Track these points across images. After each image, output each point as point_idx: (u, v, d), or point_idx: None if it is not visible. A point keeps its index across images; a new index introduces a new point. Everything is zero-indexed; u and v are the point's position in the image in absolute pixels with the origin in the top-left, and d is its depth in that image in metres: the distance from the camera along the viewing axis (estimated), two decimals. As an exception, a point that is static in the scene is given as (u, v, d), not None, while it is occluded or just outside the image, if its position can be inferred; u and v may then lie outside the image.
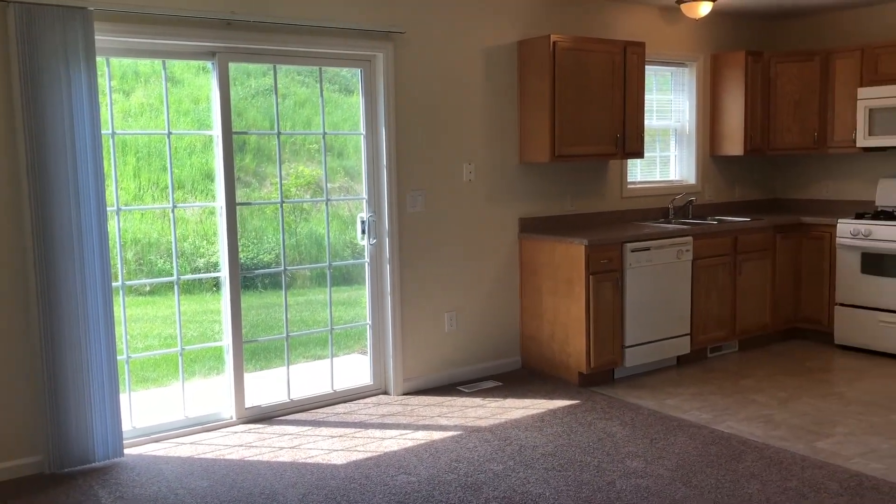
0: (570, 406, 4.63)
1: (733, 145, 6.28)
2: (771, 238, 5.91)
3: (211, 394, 4.57)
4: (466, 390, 4.98)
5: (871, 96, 5.77)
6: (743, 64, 6.16)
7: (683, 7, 5.71)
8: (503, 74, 5.27)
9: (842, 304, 5.81)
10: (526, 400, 4.75)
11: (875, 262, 5.60)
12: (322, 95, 4.68)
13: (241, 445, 4.10)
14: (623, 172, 5.94)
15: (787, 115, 6.26)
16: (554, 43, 5.07)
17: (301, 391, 4.71)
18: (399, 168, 4.83)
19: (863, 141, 5.86)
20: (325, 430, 4.30)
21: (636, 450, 3.94)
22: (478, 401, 4.76)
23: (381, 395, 4.90)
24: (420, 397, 4.85)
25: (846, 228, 5.75)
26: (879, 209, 6.02)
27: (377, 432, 4.26)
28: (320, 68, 4.65)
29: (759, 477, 3.58)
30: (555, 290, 5.13)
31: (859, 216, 5.80)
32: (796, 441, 4.03)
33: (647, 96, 5.79)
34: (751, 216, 6.18)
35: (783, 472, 3.64)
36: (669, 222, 5.85)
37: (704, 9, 5.66)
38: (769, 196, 6.94)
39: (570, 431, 4.21)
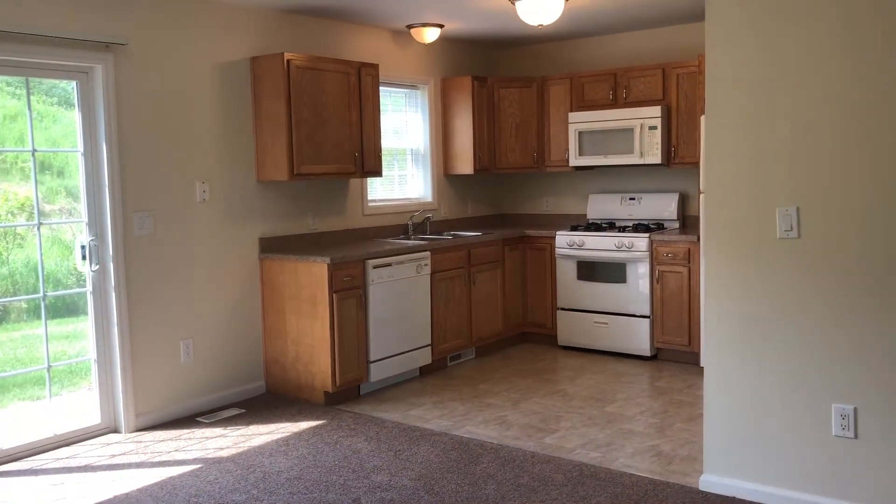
0: (316, 427, 4.60)
1: (464, 165, 6.65)
2: (500, 250, 6.33)
3: None
4: (207, 421, 4.75)
5: (579, 120, 6.40)
6: (470, 88, 6.56)
7: (413, 31, 5.95)
8: (237, 91, 5.14)
9: (562, 309, 6.36)
10: (270, 425, 4.64)
11: (588, 270, 6.20)
12: (30, 108, 4.24)
13: (-61, 507, 3.58)
14: (364, 191, 6.05)
15: (511, 137, 6.76)
16: (288, 61, 5.04)
17: (15, 438, 4.21)
18: (123, 188, 4.52)
19: (574, 161, 6.49)
20: (43, 480, 3.88)
21: (381, 463, 4.00)
22: (219, 430, 4.57)
23: (110, 434, 4.52)
24: (155, 432, 4.55)
25: (563, 240, 6.31)
26: (590, 222, 6.69)
27: (106, 475, 3.93)
28: (27, 79, 4.22)
29: (494, 477, 3.80)
30: (298, 310, 5.08)
31: (574, 228, 6.39)
32: (527, 439, 4.33)
33: (383, 117, 5.95)
34: (482, 231, 6.57)
35: (516, 469, 3.89)
36: (409, 238, 6.05)
37: (431, 34, 5.95)
38: (497, 212, 7.44)
39: (315, 452, 4.18)
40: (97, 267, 4.48)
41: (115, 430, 4.57)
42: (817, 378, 3.26)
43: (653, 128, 6.07)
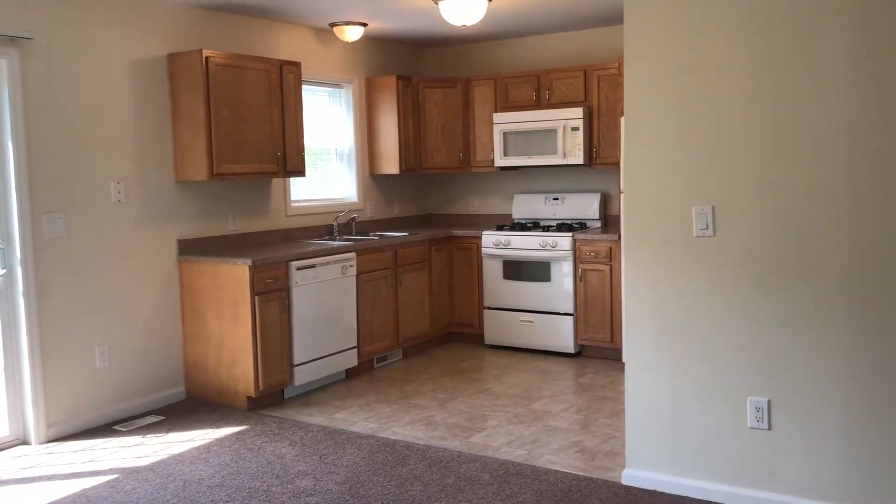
0: (239, 432, 4.49)
1: (390, 164, 6.62)
2: (427, 250, 6.32)
3: None
4: (124, 429, 4.59)
5: (504, 121, 6.45)
6: (395, 88, 6.53)
7: (336, 30, 5.89)
8: (154, 88, 4.98)
9: (489, 308, 6.39)
10: (191, 432, 4.52)
11: (514, 269, 6.25)
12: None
13: None
14: (287, 191, 5.95)
15: (436, 137, 6.76)
16: (207, 58, 4.92)
17: (-86, 453, 3.98)
18: (32, 188, 4.32)
19: (499, 161, 6.53)
20: (-54, 496, 3.68)
21: (306, 468, 3.94)
22: (137, 439, 4.42)
23: (20, 447, 4.32)
24: (69, 443, 4.37)
25: (489, 239, 6.35)
26: (516, 221, 6.74)
27: (13, 489, 3.75)
28: (-76, 74, 4.01)
29: (421, 478, 3.78)
30: (220, 314, 4.96)
31: (500, 228, 6.44)
32: (454, 439, 4.33)
33: (307, 116, 5.86)
34: (409, 231, 6.55)
35: (443, 469, 3.88)
36: (334, 239, 5.98)
37: (354, 33, 5.89)
38: (424, 212, 7.43)
39: (238, 458, 4.08)
40: (3, 271, 4.27)
41: (25, 442, 4.37)
42: (733, 372, 3.36)
43: (575, 129, 6.16)
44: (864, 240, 3.05)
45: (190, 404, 5.04)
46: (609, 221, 6.48)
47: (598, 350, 6.04)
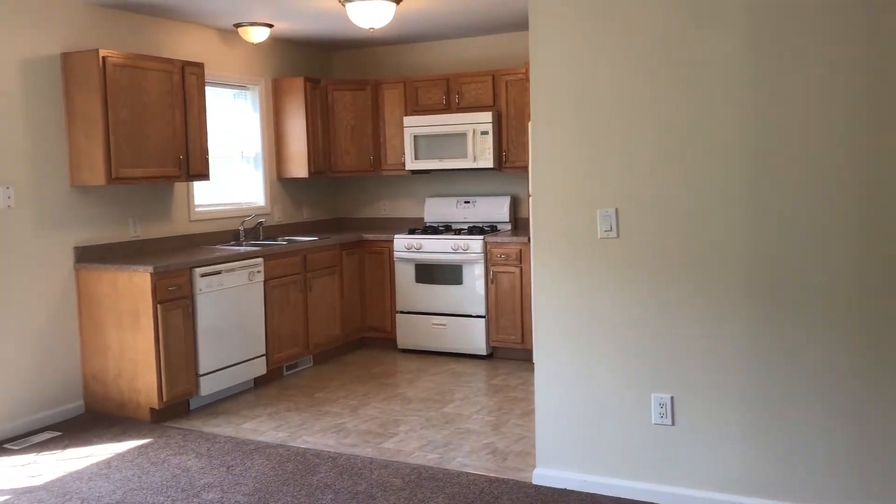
0: (142, 446, 4.32)
1: (298, 168, 6.51)
2: (338, 255, 6.25)
3: None
4: (16, 447, 4.35)
5: (414, 124, 6.44)
6: (302, 90, 6.43)
7: (240, 31, 5.76)
8: (47, 88, 4.75)
9: (401, 312, 6.37)
10: (90, 447, 4.32)
11: (426, 272, 6.25)
12: None
13: None
14: (190, 195, 5.77)
15: (346, 140, 6.70)
16: (104, 58, 4.73)
17: None
18: (-89, 194, 4.05)
19: (410, 164, 6.52)
20: None
21: (213, 480, 3.82)
22: (31, 457, 4.19)
23: None
24: (-45, 464, 4.12)
25: (401, 243, 6.32)
26: (427, 225, 6.75)
27: None
28: None
29: (332, 486, 3.72)
30: (120, 323, 4.76)
31: (412, 231, 6.42)
32: (365, 445, 4.29)
33: (212, 118, 5.71)
34: (318, 235, 6.46)
35: (354, 477, 3.83)
36: (240, 245, 5.84)
37: (259, 34, 5.78)
38: (334, 216, 7.34)
39: (141, 473, 3.92)
40: None
41: None
42: (638, 370, 3.44)
43: (484, 133, 6.21)
44: (762, 240, 3.18)
45: (89, 419, 4.82)
46: (519, 224, 6.56)
47: (510, 351, 6.10)
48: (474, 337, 6.10)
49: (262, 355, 5.45)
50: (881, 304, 3.00)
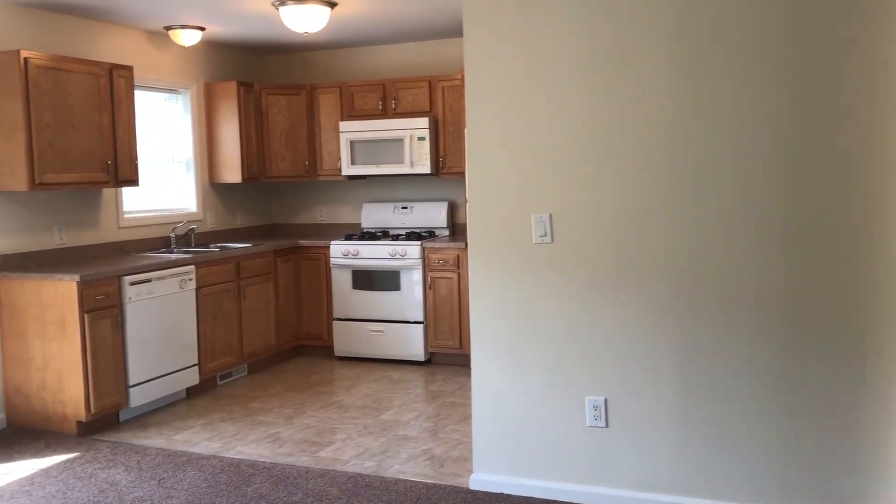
0: (68, 460, 4.18)
1: (232, 173, 6.40)
2: (272, 262, 6.16)
3: None
4: (-68, 464, 4.16)
5: (350, 129, 6.40)
6: (235, 94, 6.33)
7: (171, 33, 5.64)
8: (-37, 91, 4.56)
9: (338, 319, 6.31)
10: (11, 463, 4.15)
11: (364, 279, 6.21)
12: None
13: None
14: (119, 201, 5.61)
15: (280, 144, 6.61)
16: (26, 59, 4.56)
17: None
18: None
19: (347, 170, 6.47)
20: None
21: (143, 494, 3.71)
22: (-53, 475, 4.01)
23: None
24: None
25: (338, 249, 6.27)
26: (364, 231, 6.71)
27: None
28: None
29: (266, 497, 3.65)
30: (44, 334, 4.59)
31: (348, 237, 6.37)
32: (301, 454, 4.22)
33: (141, 122, 5.57)
34: (253, 242, 6.36)
35: (289, 487, 3.77)
36: (172, 252, 5.70)
37: (190, 37, 5.67)
38: (269, 222, 7.24)
39: (66, 489, 3.79)
40: None
41: None
42: (572, 373, 3.47)
43: (421, 138, 6.21)
44: (690, 244, 3.25)
45: (11, 434, 4.64)
46: (457, 230, 6.57)
47: (448, 357, 6.10)
48: (412, 343, 6.08)
49: (195, 365, 5.33)
50: (807, 306, 3.10)
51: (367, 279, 6.20)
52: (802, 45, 3.02)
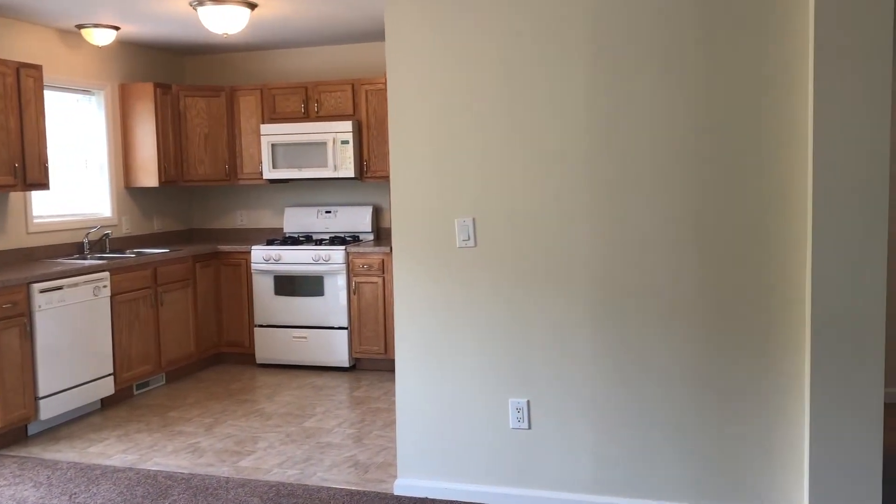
0: (-29, 478, 3.97)
1: (148, 176, 6.22)
2: (191, 268, 6.01)
3: None
4: None
5: (271, 132, 6.30)
6: (152, 95, 6.15)
7: (83, 32, 5.45)
8: None
9: (260, 325, 6.20)
10: None
11: (286, 284, 6.12)
12: None
13: None
14: (27, 206, 5.38)
15: (199, 148, 6.46)
16: (-76, 55, 4.34)
17: None
18: None
19: (268, 173, 6.37)
20: None
21: (53, 511, 3.56)
22: None
23: None
24: None
25: (259, 255, 6.16)
26: (287, 236, 6.61)
27: None
28: None
29: (185, 509, 3.56)
30: (-56, 345, 4.36)
31: (270, 242, 6.27)
32: (221, 465, 4.13)
33: (52, 124, 5.35)
34: (170, 247, 6.19)
35: (209, 498, 3.68)
36: (85, 258, 5.50)
37: (104, 37, 5.49)
38: (188, 226, 7.06)
39: (-31, 508, 3.60)
40: None
41: None
42: (496, 375, 3.50)
43: (345, 142, 6.16)
44: (609, 248, 3.32)
45: None
46: (382, 234, 6.55)
47: (373, 362, 6.07)
48: (336, 349, 6.02)
49: (110, 374, 5.15)
50: (721, 308, 3.20)
51: (290, 285, 6.12)
52: (714, 52, 3.13)
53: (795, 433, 3.14)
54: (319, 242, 6.21)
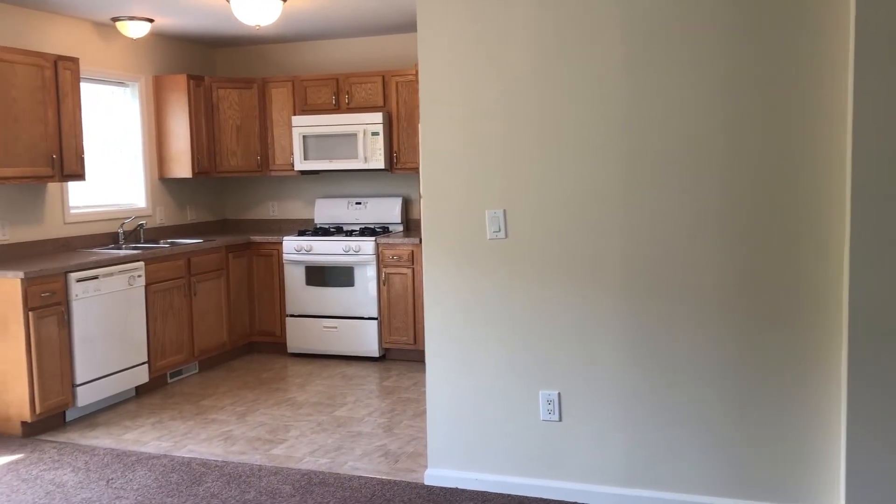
0: (11, 462, 4.07)
1: (182, 168, 6.29)
2: (224, 258, 6.08)
3: None
4: None
5: (303, 124, 6.34)
6: (185, 87, 6.22)
7: (118, 25, 5.52)
8: None
9: (292, 315, 6.26)
10: (-48, 466, 4.03)
11: (317, 275, 6.17)
12: None
13: None
14: (64, 196, 5.48)
15: (232, 139, 6.52)
16: (-35, 49, 4.43)
17: None
18: None
19: (299, 165, 6.42)
20: None
21: (91, 495, 3.64)
22: None
23: None
24: None
25: (291, 245, 6.21)
26: (318, 226, 6.66)
27: None
28: None
29: (219, 496, 3.61)
30: (-14, 333, 4.47)
31: (302, 233, 6.32)
32: (254, 453, 4.18)
33: (88, 115, 5.44)
34: (203, 238, 6.26)
35: (242, 485, 3.73)
36: (120, 248, 5.59)
37: (138, 29, 5.55)
38: (220, 217, 7.14)
39: (10, 491, 3.69)
40: None
41: None
42: (526, 368, 3.50)
43: (375, 133, 6.18)
44: (636, 241, 3.30)
45: (-49, 435, 4.51)
46: (411, 225, 6.57)
47: (403, 353, 6.10)
48: (366, 339, 6.06)
49: (145, 363, 5.23)
50: (759, 302, 3.17)
51: (321, 275, 6.16)
52: (757, 48, 3.09)
53: (831, 436, 3.11)
54: (350, 233, 6.25)
